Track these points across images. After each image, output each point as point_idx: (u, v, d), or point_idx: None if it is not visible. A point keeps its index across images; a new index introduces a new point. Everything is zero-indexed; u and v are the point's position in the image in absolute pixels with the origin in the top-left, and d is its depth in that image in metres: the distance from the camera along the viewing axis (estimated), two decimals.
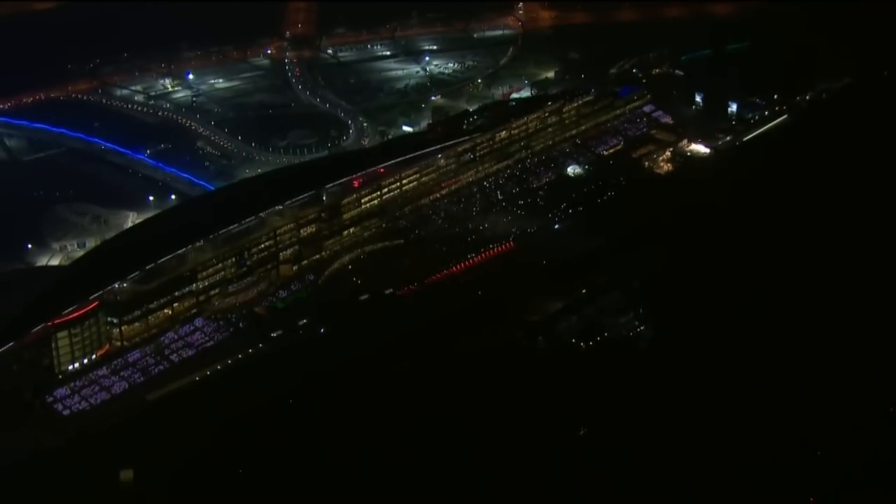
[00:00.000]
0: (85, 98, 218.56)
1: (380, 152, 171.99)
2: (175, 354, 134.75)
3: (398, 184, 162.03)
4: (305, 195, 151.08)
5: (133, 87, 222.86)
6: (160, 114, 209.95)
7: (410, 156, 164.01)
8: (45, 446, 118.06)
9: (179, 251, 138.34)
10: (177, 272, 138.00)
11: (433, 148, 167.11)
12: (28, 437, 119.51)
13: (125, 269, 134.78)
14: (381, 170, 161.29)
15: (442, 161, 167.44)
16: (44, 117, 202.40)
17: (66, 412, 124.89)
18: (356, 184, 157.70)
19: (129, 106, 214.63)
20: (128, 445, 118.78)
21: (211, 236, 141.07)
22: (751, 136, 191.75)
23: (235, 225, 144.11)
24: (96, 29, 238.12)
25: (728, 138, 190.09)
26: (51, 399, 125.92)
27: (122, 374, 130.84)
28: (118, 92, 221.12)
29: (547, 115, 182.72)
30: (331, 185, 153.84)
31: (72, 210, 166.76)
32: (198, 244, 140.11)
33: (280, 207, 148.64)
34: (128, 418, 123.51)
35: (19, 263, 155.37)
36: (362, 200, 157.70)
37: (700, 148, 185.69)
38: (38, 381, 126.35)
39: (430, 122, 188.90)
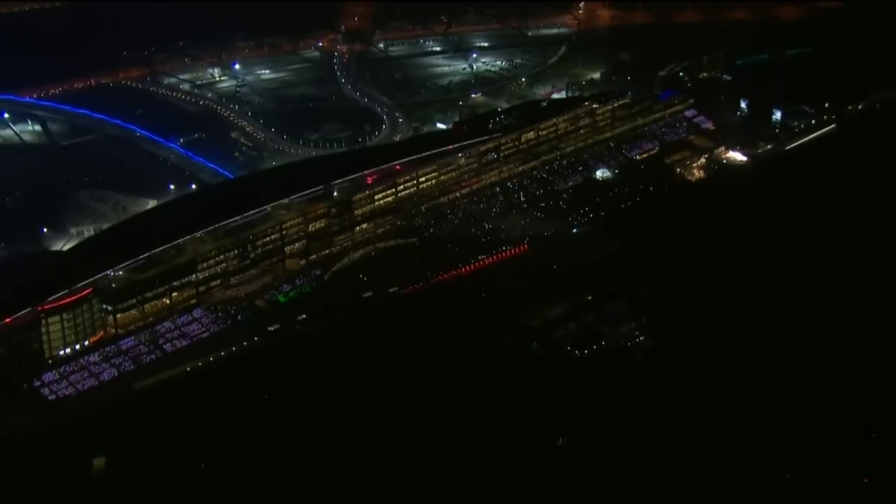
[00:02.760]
0: (133, 85, 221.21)
1: (399, 149, 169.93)
2: (169, 344, 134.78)
3: (414, 182, 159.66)
4: (313, 190, 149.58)
5: (181, 76, 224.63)
6: (201, 103, 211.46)
7: (427, 153, 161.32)
8: (24, 429, 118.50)
9: (178, 241, 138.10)
10: (175, 262, 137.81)
11: (451, 146, 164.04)
12: (8, 419, 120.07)
13: (122, 257, 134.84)
14: (398, 167, 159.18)
15: (462, 160, 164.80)
16: (89, 103, 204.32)
17: (52, 397, 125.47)
18: (370, 180, 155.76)
19: (174, 94, 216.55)
20: (107, 433, 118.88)
21: (211, 227, 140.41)
22: (793, 145, 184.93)
23: (238, 217, 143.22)
24: (156, 17, 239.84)
25: (769, 147, 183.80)
26: (38, 383, 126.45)
27: (113, 361, 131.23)
28: (166, 80, 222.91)
29: (579, 116, 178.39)
30: (340, 180, 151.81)
31: (93, 196, 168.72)
32: (197, 235, 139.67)
33: (286, 201, 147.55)
34: (111, 406, 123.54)
35: (34, 246, 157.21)
36: (376, 197, 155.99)
37: (737, 156, 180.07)
38: (26, 365, 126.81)
39: (456, 120, 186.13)
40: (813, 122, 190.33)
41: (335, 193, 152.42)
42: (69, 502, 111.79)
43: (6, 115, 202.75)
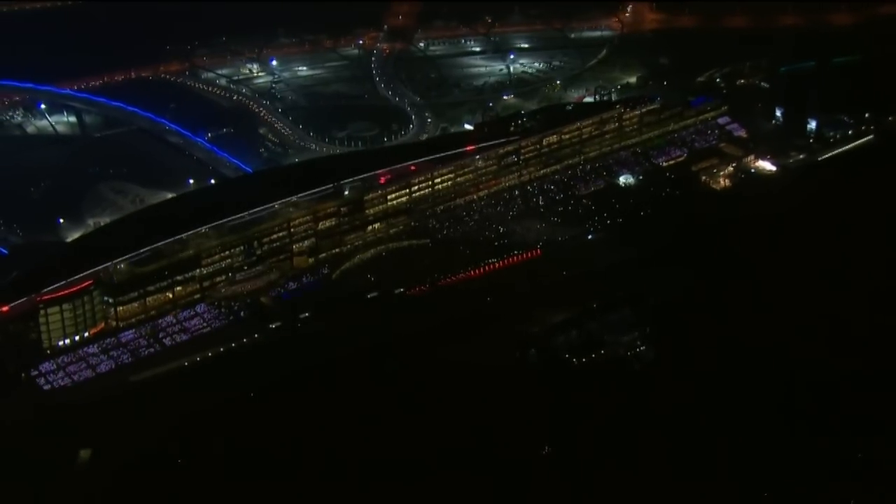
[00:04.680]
0: (171, 79, 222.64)
1: (417, 149, 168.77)
2: (169, 338, 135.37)
3: (429, 182, 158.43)
4: (323, 188, 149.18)
5: (220, 71, 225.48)
6: (235, 98, 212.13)
7: (443, 154, 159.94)
8: (13, 418, 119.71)
9: (182, 235, 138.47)
10: (178, 256, 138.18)
11: (469, 148, 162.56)
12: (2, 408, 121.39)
13: (124, 250, 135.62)
14: (413, 167, 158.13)
15: (480, 162, 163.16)
16: (126, 96, 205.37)
17: (48, 387, 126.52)
18: (382, 180, 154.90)
19: (209, 89, 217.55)
20: (97, 424, 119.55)
21: (216, 223, 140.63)
22: (826, 156, 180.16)
23: (245, 213, 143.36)
24: (206, 12, 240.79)
25: (801, 157, 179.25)
26: (35, 373, 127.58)
27: (111, 353, 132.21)
28: (204, 75, 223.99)
29: (605, 121, 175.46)
30: (350, 179, 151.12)
31: (112, 188, 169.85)
32: (202, 230, 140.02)
33: (295, 199, 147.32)
34: (105, 398, 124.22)
35: (51, 236, 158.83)
36: (389, 197, 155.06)
37: (766, 165, 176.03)
38: (25, 355, 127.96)
39: (479, 121, 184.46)
40: (850, 132, 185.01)
41: (346, 192, 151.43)
42: (51, 491, 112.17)
43: (43, 106, 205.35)
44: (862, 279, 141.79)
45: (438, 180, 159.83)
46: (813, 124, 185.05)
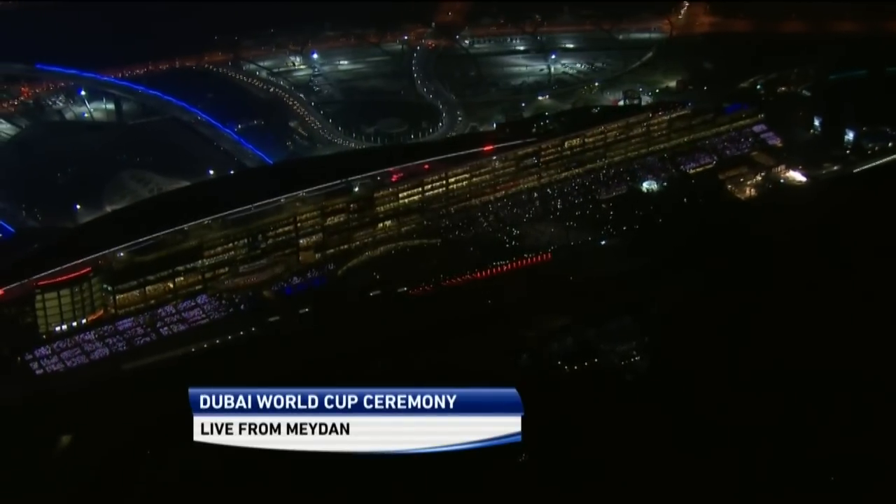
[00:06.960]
0: (213, 69, 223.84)
1: (433, 148, 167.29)
2: (166, 328, 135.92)
3: (443, 182, 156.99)
4: (331, 184, 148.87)
5: (261, 63, 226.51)
6: (271, 90, 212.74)
7: (457, 154, 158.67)
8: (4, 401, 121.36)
9: (182, 226, 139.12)
10: (180, 246, 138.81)
11: (488, 148, 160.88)
12: None
13: (125, 238, 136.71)
14: (426, 166, 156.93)
15: (498, 163, 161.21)
16: (165, 85, 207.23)
17: (40, 371, 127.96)
18: (394, 177, 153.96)
19: (248, 80, 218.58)
20: (82, 412, 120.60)
21: (217, 215, 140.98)
22: (862, 168, 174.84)
23: (250, 206, 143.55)
24: (259, 2, 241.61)
25: (834, 168, 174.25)
26: (30, 357, 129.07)
27: (107, 340, 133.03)
28: (246, 66, 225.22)
29: (631, 125, 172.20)
30: (359, 176, 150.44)
31: (133, 177, 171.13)
32: (204, 221, 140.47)
33: (302, 193, 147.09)
34: (94, 385, 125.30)
35: (69, 222, 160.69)
36: (401, 195, 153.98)
37: (797, 176, 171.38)
38: (21, 339, 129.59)
39: (500, 122, 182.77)
40: (890, 144, 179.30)
41: (356, 189, 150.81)
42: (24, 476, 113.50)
43: (83, 93, 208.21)
44: (881, 301, 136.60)
45: (453, 180, 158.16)
46: (851, 135, 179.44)
